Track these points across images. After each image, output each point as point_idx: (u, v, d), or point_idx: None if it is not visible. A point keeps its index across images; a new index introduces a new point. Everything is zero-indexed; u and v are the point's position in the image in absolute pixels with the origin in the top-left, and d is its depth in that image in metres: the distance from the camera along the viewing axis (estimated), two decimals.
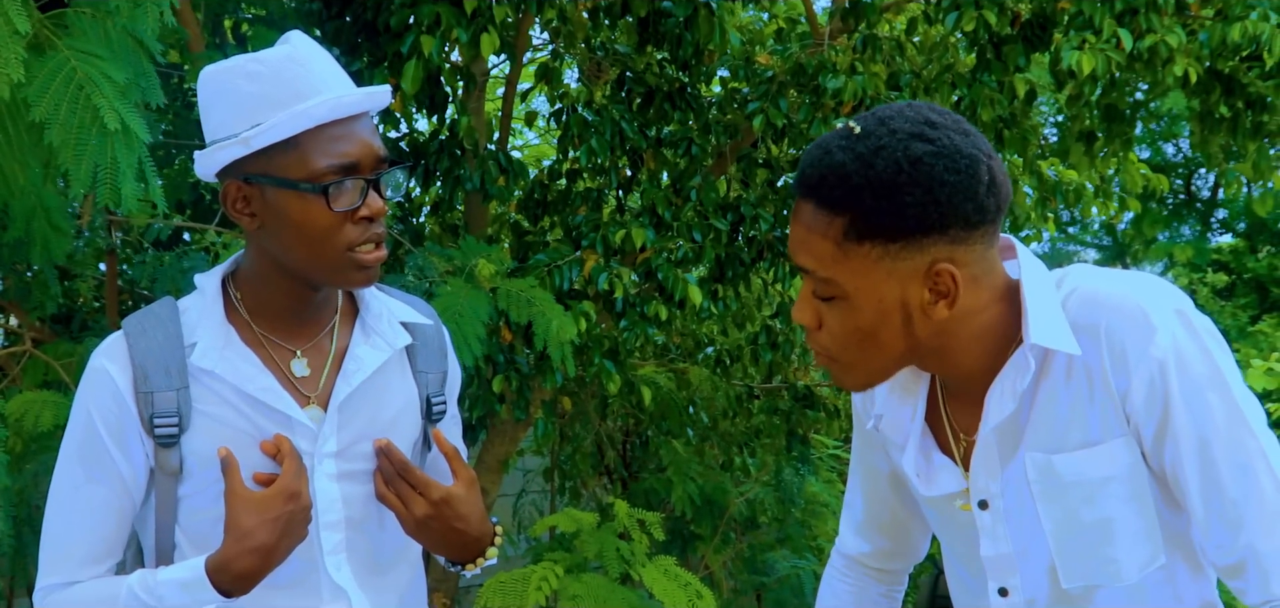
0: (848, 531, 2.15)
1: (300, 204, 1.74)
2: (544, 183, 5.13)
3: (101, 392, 1.80)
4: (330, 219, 1.75)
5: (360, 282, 1.81)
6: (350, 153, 1.75)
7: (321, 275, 1.81)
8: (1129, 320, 1.58)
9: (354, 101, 1.77)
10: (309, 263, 1.79)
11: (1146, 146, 14.60)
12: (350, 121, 1.78)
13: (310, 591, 1.88)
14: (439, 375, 2.03)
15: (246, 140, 1.73)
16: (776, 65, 4.71)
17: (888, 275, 1.58)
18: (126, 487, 1.83)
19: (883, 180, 1.52)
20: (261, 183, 1.76)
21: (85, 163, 2.38)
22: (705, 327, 6.50)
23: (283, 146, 1.74)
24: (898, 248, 1.56)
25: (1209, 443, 1.57)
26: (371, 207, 1.77)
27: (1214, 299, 14.24)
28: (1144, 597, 1.72)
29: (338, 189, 1.74)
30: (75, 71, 2.41)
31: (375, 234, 1.79)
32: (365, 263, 1.79)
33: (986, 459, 1.74)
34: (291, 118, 1.72)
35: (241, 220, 1.81)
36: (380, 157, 1.79)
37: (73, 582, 1.83)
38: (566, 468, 6.35)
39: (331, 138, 1.75)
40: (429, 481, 1.90)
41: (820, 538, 6.69)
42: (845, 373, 1.70)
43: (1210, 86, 4.95)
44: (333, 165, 1.74)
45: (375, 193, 1.78)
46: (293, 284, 1.84)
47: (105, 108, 2.38)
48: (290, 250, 1.78)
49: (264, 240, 1.81)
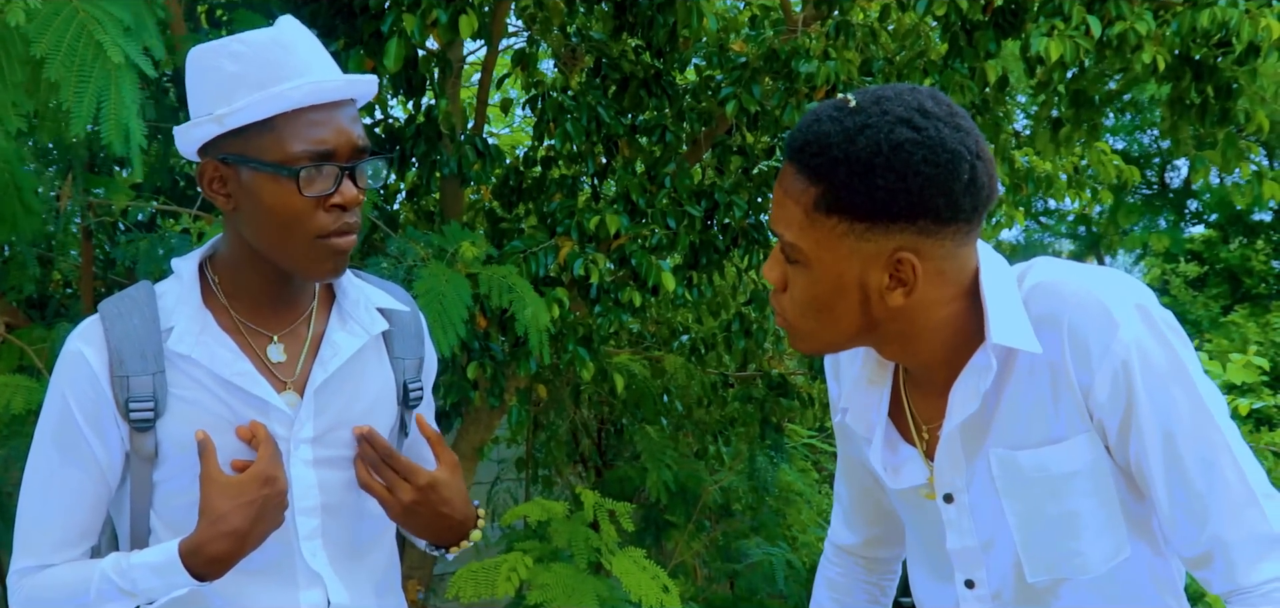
0: (838, 521, 2.17)
1: (273, 187, 1.73)
2: (519, 170, 5.13)
3: (77, 375, 1.80)
4: (301, 204, 1.73)
5: (328, 272, 1.80)
6: (326, 139, 1.74)
7: (290, 261, 1.79)
8: (1090, 316, 1.59)
9: (333, 88, 1.76)
10: (279, 248, 1.78)
11: (1121, 137, 14.66)
12: (330, 108, 1.76)
13: (286, 576, 1.87)
14: (416, 362, 2.02)
15: (220, 119, 1.73)
16: (750, 52, 4.72)
17: (850, 253, 1.58)
18: (102, 471, 1.82)
19: (860, 159, 1.53)
20: (237, 164, 1.75)
21: (87, 98, 2.35)
22: (680, 315, 6.51)
23: (259, 128, 1.73)
24: (863, 228, 1.56)
25: (1174, 437, 1.58)
26: (345, 194, 1.76)
27: (1186, 289, 14.33)
28: (1110, 588, 1.73)
29: (311, 174, 1.73)
30: (77, 11, 2.39)
31: (347, 223, 1.78)
32: (337, 250, 1.77)
33: (951, 455, 1.75)
34: (266, 99, 1.71)
35: (217, 200, 1.80)
36: (358, 145, 1.78)
37: (46, 565, 1.83)
38: (541, 457, 6.36)
39: (309, 123, 1.74)
40: (414, 466, 1.90)
41: (793, 526, 6.72)
42: (798, 339, 1.71)
43: (1181, 72, 4.98)
44: (307, 150, 1.72)
45: (350, 181, 1.77)
46: (269, 269, 1.83)
47: (109, 43, 2.36)
48: (262, 234, 1.77)
49: (239, 224, 1.80)
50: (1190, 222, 16.96)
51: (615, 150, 4.88)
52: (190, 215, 4.07)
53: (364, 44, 4.09)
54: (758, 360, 6.16)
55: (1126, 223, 15.74)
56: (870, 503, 2.08)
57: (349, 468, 1.91)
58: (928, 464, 1.79)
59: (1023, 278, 1.67)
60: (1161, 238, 15.54)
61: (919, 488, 1.82)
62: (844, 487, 2.12)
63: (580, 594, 4.16)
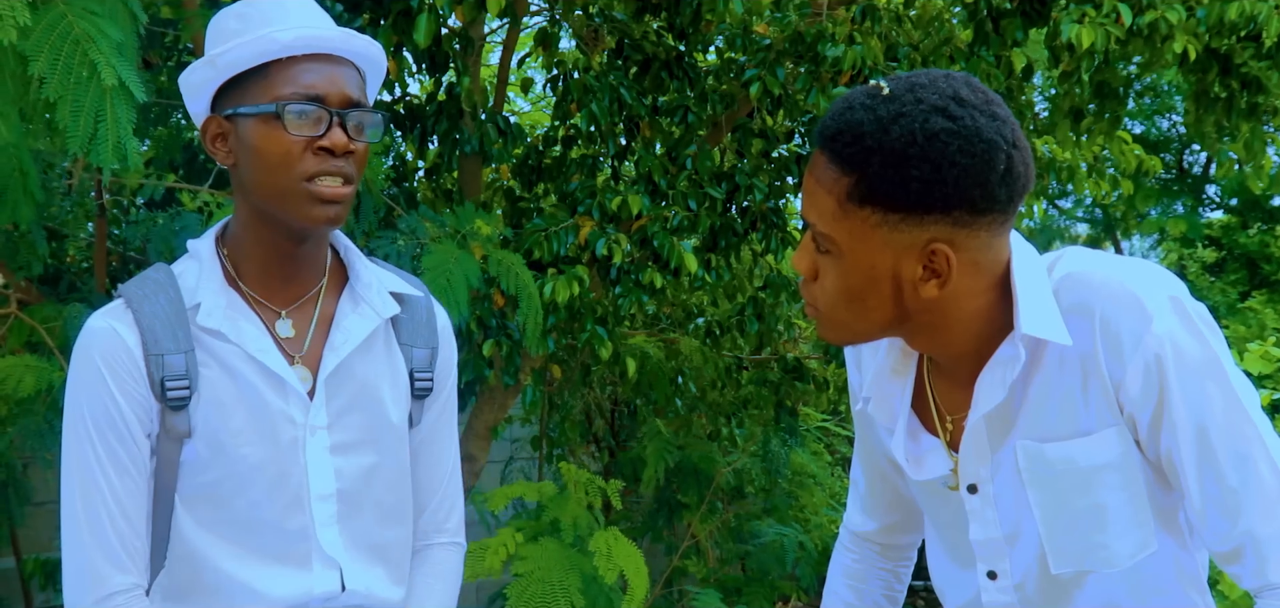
0: (854, 508, 2.16)
1: (262, 129, 1.73)
2: (538, 150, 5.11)
3: (112, 350, 1.76)
4: (288, 143, 1.73)
5: (320, 218, 1.77)
6: (316, 85, 1.74)
7: (283, 208, 1.77)
8: (1123, 308, 1.56)
9: (323, 38, 1.77)
10: (270, 192, 1.76)
11: (1140, 121, 14.59)
12: (326, 62, 1.77)
13: (302, 562, 1.86)
14: (427, 352, 2.00)
15: (213, 61, 1.74)
16: (774, 35, 4.68)
17: (883, 244, 1.56)
18: (145, 458, 1.80)
19: (894, 149, 1.50)
20: (233, 117, 1.76)
21: (83, 118, 2.36)
22: (696, 297, 6.49)
23: (255, 76, 1.75)
24: (897, 219, 1.54)
25: (1207, 431, 1.56)
26: (333, 139, 1.75)
27: (1204, 275, 14.29)
28: (1134, 582, 1.71)
29: (298, 114, 1.73)
30: (72, 27, 2.39)
31: (338, 168, 1.76)
32: (324, 196, 1.75)
33: (976, 445, 1.73)
34: (255, 40, 1.73)
35: (218, 156, 1.81)
36: (350, 97, 1.78)
37: (109, 595, 1.77)
38: (555, 436, 6.35)
39: (302, 69, 1.75)
40: None
41: (806, 508, 6.72)
42: (828, 328, 1.69)
43: (1207, 65, 4.94)
44: (294, 92, 1.73)
45: (340, 129, 1.76)
46: (273, 236, 1.83)
47: (103, 64, 2.36)
48: (256, 182, 1.77)
49: (241, 181, 1.80)
50: (1208, 206, 16.89)
51: (636, 131, 4.85)
52: (204, 191, 4.04)
53: (390, 19, 4.06)
54: (773, 344, 6.14)
55: (1144, 207, 15.68)
56: (888, 490, 2.07)
57: (364, 453, 1.90)
58: (951, 455, 1.77)
59: (1053, 268, 1.65)
60: (1178, 223, 15.47)
61: (942, 479, 1.80)
62: (861, 473, 2.11)
63: (558, 568, 4.23)
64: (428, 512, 2.08)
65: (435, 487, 2.08)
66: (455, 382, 2.10)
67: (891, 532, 2.13)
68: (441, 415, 2.07)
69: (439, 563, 2.10)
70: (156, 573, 1.83)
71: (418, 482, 2.05)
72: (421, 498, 2.07)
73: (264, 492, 1.82)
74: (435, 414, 2.05)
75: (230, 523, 1.81)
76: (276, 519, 1.83)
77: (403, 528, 2.01)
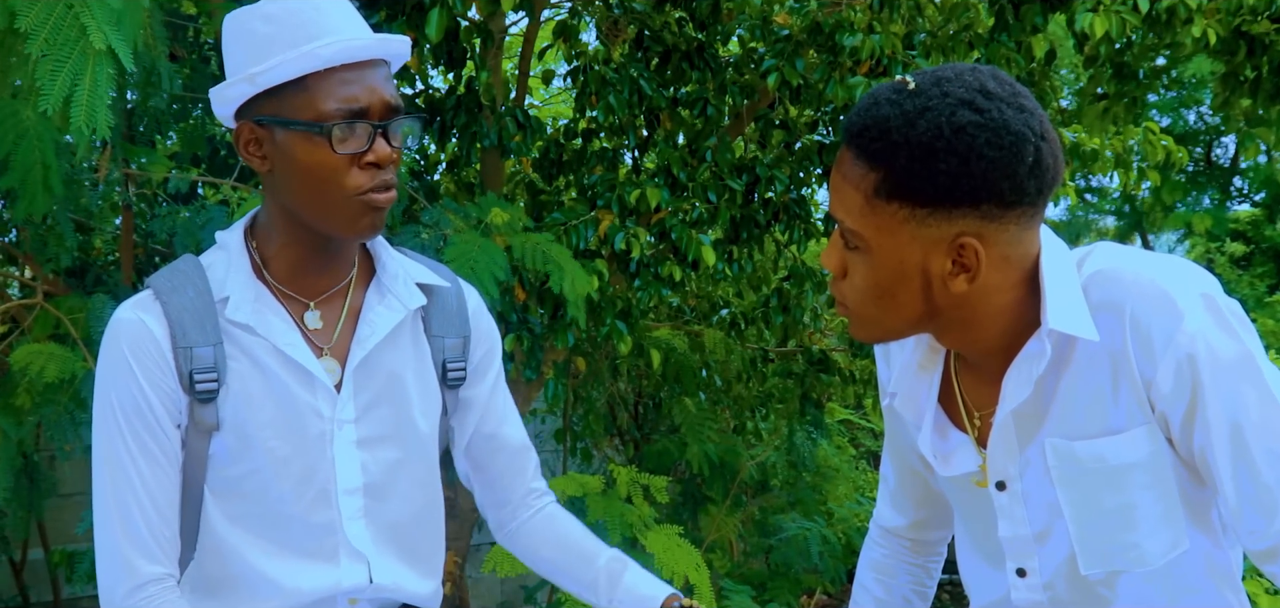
0: (884, 503, 2.15)
1: (306, 146, 1.72)
2: (559, 142, 5.11)
3: (140, 341, 1.76)
4: (336, 162, 1.73)
5: (366, 228, 1.78)
6: (358, 97, 1.73)
7: (327, 221, 1.78)
8: (1154, 305, 1.55)
9: (364, 47, 1.75)
10: (315, 207, 1.77)
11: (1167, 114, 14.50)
12: (361, 67, 1.75)
13: (329, 555, 1.86)
14: (459, 341, 2.00)
15: (253, 78, 1.72)
16: (794, 24, 4.67)
17: (912, 239, 1.55)
18: (176, 450, 1.80)
19: (922, 143, 1.49)
20: (271, 125, 1.75)
21: (61, 78, 2.33)
22: (720, 289, 6.48)
23: (293, 88, 1.72)
24: (925, 213, 1.53)
25: (1242, 429, 1.53)
26: (378, 153, 1.75)
27: (1231, 268, 14.18)
28: (1166, 581, 1.70)
29: (344, 132, 1.72)
30: None
31: (383, 180, 1.77)
32: (373, 205, 1.76)
33: (1004, 441, 1.72)
34: (298, 58, 1.70)
35: (253, 163, 1.79)
36: (390, 104, 1.77)
37: (141, 585, 1.78)
38: (578, 429, 6.35)
39: (340, 81, 1.73)
40: None
41: (831, 502, 6.70)
42: (859, 326, 1.68)
43: (1234, 47, 4.90)
44: (339, 108, 1.72)
45: (383, 140, 1.76)
46: (306, 234, 1.82)
47: (93, 28, 2.34)
48: (298, 195, 1.77)
49: (275, 186, 1.80)
50: (1236, 199, 16.76)
51: (657, 123, 4.85)
52: (231, 185, 4.06)
53: (406, 14, 4.07)
54: (798, 336, 6.13)
55: (1171, 200, 15.58)
56: (918, 485, 2.07)
57: (391, 447, 1.91)
58: (980, 451, 1.76)
59: (1082, 263, 1.64)
60: (1204, 217, 15.36)
61: (970, 475, 1.79)
62: (891, 469, 2.10)
63: None
64: (528, 473, 2.15)
65: (520, 448, 2.13)
66: (501, 352, 2.10)
67: (921, 527, 2.13)
68: (495, 388, 2.08)
69: (566, 517, 2.16)
70: (186, 565, 1.84)
71: (504, 448, 2.11)
72: (517, 461, 2.12)
73: (291, 486, 1.82)
74: (488, 390, 2.07)
75: (259, 517, 1.82)
76: (303, 514, 1.83)
77: (431, 520, 2.02)
